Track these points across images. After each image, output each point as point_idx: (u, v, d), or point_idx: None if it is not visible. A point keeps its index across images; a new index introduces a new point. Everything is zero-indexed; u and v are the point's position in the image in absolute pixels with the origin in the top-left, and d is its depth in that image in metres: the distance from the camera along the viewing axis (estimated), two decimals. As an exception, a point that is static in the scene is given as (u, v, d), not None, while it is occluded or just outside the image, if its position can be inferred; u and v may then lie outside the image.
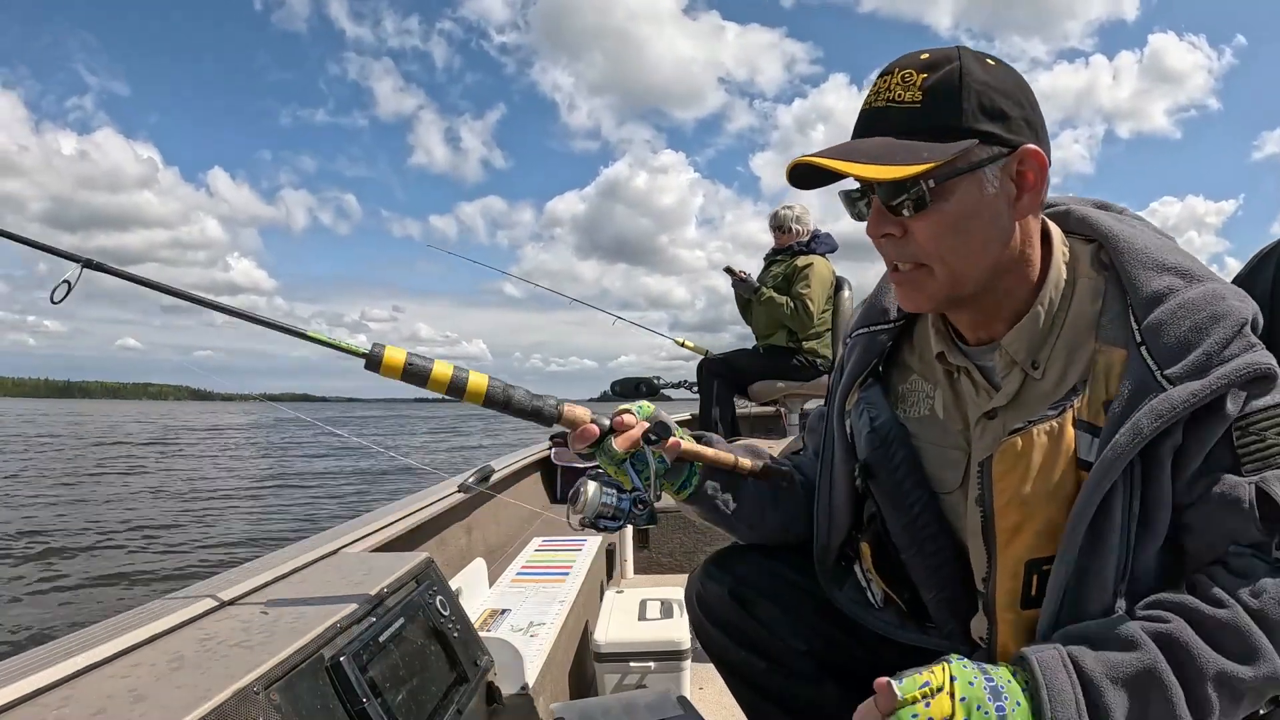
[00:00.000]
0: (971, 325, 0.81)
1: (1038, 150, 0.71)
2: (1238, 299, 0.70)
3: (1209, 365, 0.66)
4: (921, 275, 0.74)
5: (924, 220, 0.71)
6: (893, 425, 0.86)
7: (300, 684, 0.78)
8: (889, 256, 0.76)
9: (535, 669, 1.35)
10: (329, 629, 0.88)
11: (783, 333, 3.84)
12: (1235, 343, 0.67)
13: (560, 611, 1.65)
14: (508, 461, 2.74)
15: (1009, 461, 0.74)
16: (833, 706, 0.93)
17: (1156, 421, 0.65)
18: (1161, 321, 0.69)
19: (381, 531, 1.49)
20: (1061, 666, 0.64)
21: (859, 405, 0.89)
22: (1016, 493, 0.74)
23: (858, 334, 0.93)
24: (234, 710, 0.68)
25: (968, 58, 0.70)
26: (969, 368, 0.82)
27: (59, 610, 5.45)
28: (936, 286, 0.74)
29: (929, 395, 0.86)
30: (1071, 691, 0.62)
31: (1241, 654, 0.63)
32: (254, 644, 0.81)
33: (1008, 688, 0.63)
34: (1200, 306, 0.69)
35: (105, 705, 0.67)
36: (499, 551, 2.34)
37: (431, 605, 1.12)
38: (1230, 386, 0.65)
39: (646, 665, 1.69)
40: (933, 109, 0.69)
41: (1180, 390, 0.66)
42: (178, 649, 0.81)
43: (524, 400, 0.85)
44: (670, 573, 3.05)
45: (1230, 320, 0.68)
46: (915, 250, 0.73)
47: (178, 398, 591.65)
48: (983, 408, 0.80)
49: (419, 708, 0.94)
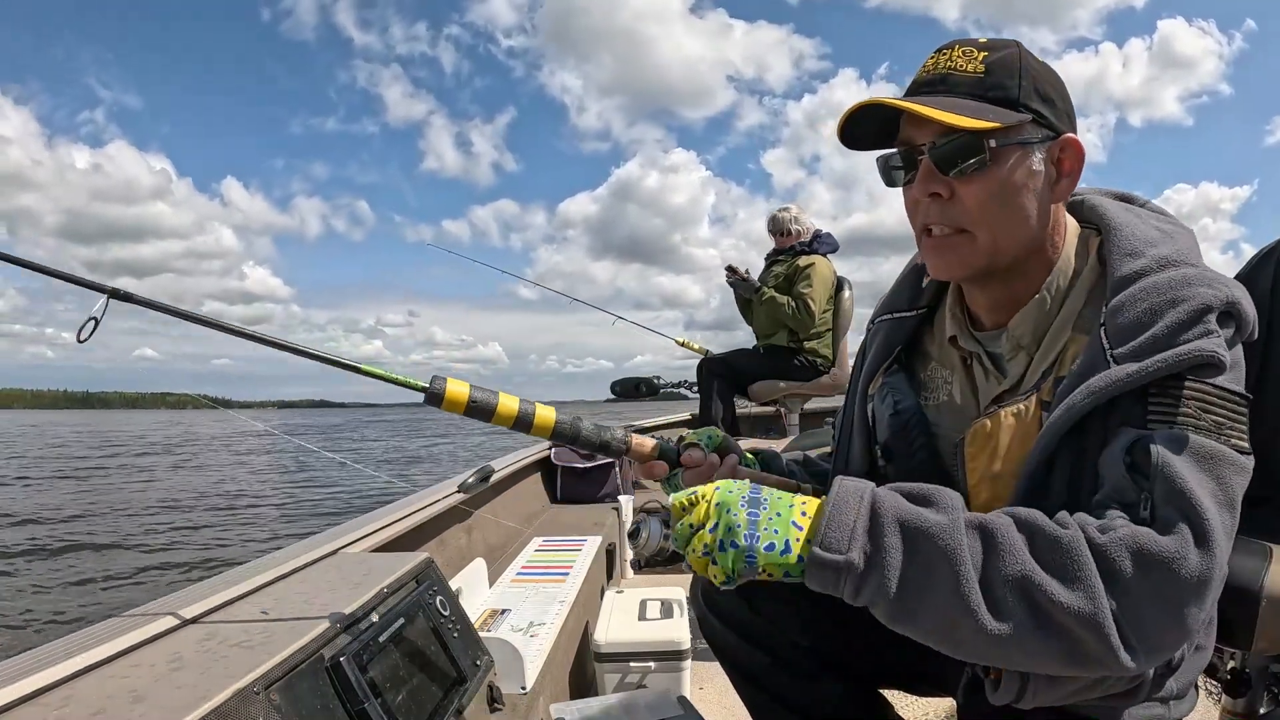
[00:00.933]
0: (991, 306, 0.81)
1: (1078, 140, 0.74)
2: (1209, 287, 0.67)
3: (1154, 348, 0.65)
4: (961, 240, 0.74)
5: (976, 183, 0.71)
6: (915, 411, 0.86)
7: (300, 684, 0.78)
8: (930, 219, 0.75)
9: (535, 669, 1.35)
10: (329, 629, 0.88)
11: (783, 333, 3.83)
12: (1190, 328, 0.65)
13: (560, 611, 1.65)
14: (508, 461, 2.74)
15: (979, 442, 0.77)
16: (835, 703, 0.94)
17: (1089, 398, 0.66)
18: (1122, 303, 0.69)
19: (381, 531, 1.49)
20: (857, 496, 0.64)
21: (883, 389, 0.90)
22: (986, 471, 0.76)
23: (880, 320, 0.94)
24: (234, 710, 0.68)
25: (1023, 47, 0.74)
26: (980, 353, 0.82)
27: (59, 610, 5.45)
28: (974, 254, 0.74)
29: (947, 381, 0.87)
30: (852, 519, 0.62)
31: (1061, 572, 0.58)
32: (254, 644, 0.81)
33: (771, 501, 0.66)
34: (1163, 290, 0.68)
35: (105, 705, 0.67)
36: (499, 551, 2.33)
37: (431, 605, 1.12)
38: (1169, 371, 0.64)
39: (647, 665, 1.69)
40: (994, 81, 0.71)
41: (1119, 370, 0.65)
42: (178, 649, 0.81)
43: (591, 434, 0.83)
44: (670, 573, 3.05)
45: (1189, 305, 0.66)
46: (960, 214, 0.73)
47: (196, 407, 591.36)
48: (992, 393, 0.81)
49: (419, 708, 0.94)
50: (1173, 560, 0.57)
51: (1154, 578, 0.57)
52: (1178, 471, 0.60)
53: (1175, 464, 0.60)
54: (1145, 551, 0.57)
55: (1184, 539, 0.57)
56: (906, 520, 0.62)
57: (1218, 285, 0.68)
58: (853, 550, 0.61)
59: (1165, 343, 0.65)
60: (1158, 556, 0.57)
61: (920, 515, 0.62)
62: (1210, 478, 0.61)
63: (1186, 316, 0.65)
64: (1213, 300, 0.66)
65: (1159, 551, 0.57)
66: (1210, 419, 0.63)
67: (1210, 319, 0.66)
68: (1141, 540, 0.57)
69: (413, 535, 1.66)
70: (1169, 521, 0.59)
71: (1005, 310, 0.80)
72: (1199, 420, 0.63)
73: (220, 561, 6.85)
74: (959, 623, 0.59)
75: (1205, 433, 0.63)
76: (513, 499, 2.72)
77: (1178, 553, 0.57)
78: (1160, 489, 0.60)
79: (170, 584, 6.01)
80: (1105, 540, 0.58)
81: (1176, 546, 0.57)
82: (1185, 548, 0.57)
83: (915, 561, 0.60)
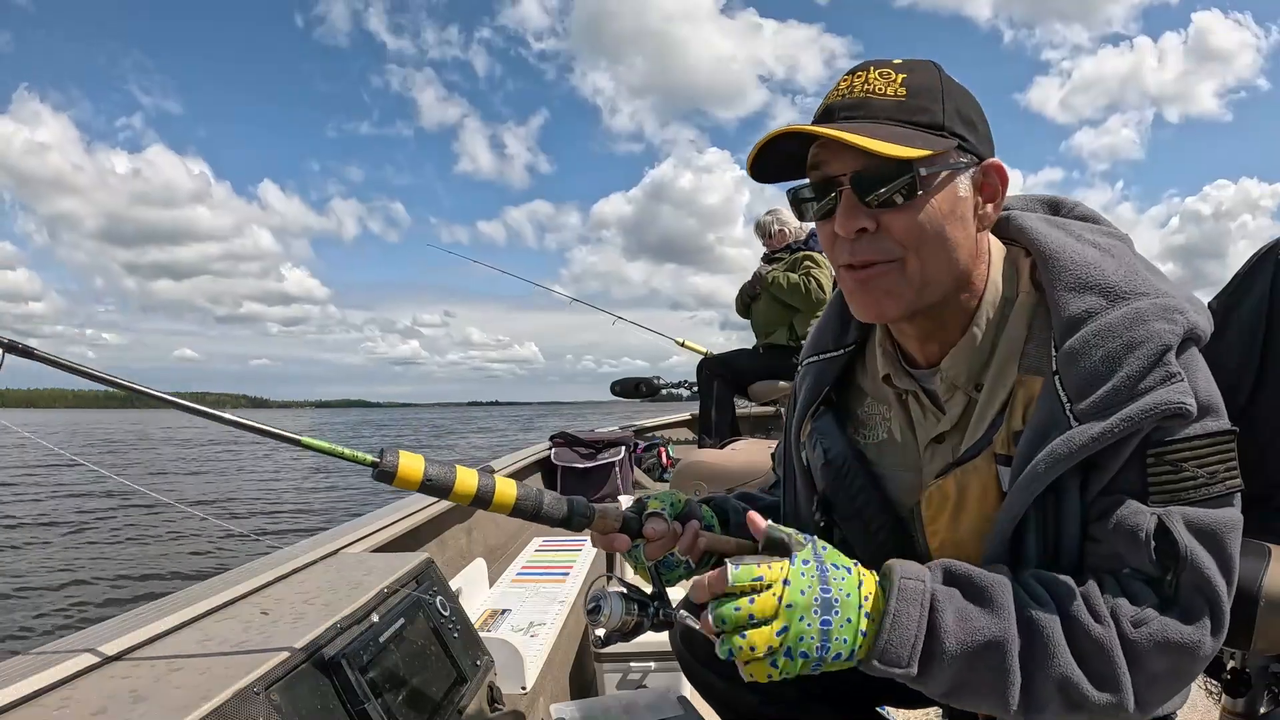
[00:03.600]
0: (922, 340, 0.77)
1: (1002, 165, 0.71)
2: (1165, 321, 0.64)
3: (1116, 403, 0.62)
4: (892, 275, 0.69)
5: (905, 213, 0.67)
6: (846, 455, 0.83)
7: (300, 684, 0.78)
8: (857, 254, 0.69)
9: (535, 669, 1.35)
10: (329, 629, 0.88)
11: (783, 331, 3.84)
12: (1150, 375, 0.62)
13: (560, 611, 1.65)
14: (508, 461, 2.74)
15: (936, 506, 0.75)
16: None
17: (1053, 466, 0.64)
18: (1074, 350, 0.66)
19: (381, 531, 1.49)
20: (918, 604, 0.62)
21: (812, 436, 0.87)
22: (948, 535, 0.74)
23: (808, 363, 0.91)
24: (234, 710, 0.68)
25: (941, 67, 0.70)
26: (916, 391, 0.79)
27: (60, 610, 5.45)
28: (906, 288, 0.69)
29: (885, 418, 0.84)
30: (914, 633, 0.61)
31: (1098, 674, 0.62)
32: (254, 644, 0.81)
33: (843, 603, 0.61)
34: (1116, 332, 0.64)
35: (105, 705, 0.67)
36: (499, 551, 2.33)
37: (431, 605, 1.12)
38: (1135, 429, 0.62)
39: (647, 665, 1.69)
40: (917, 104, 0.67)
41: (1081, 432, 0.63)
42: (178, 649, 0.81)
43: (553, 508, 0.78)
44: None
45: (1146, 349, 0.63)
46: (889, 246, 0.68)
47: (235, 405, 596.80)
48: (930, 432, 0.78)
49: (419, 708, 0.94)
50: (1194, 645, 0.62)
51: (1176, 661, 0.63)
52: (1202, 561, 0.63)
53: (1199, 554, 0.63)
54: (1171, 642, 0.62)
55: (1204, 625, 0.63)
56: (964, 636, 0.62)
57: (1172, 315, 0.65)
58: (912, 665, 0.62)
59: (1126, 396, 0.62)
60: (1183, 646, 0.62)
61: (975, 626, 0.62)
62: (1224, 551, 0.64)
63: (1146, 363, 0.63)
64: (1170, 338, 0.64)
65: (1184, 641, 0.62)
66: (1206, 471, 0.64)
67: (1169, 359, 0.63)
68: (1170, 634, 0.62)
69: (413, 535, 1.66)
70: (1192, 608, 0.63)
71: (936, 344, 0.76)
72: (1196, 479, 0.64)
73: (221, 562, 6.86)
74: (1001, 712, 0.64)
75: (1204, 490, 0.64)
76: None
77: (1199, 639, 0.62)
78: (1188, 577, 0.63)
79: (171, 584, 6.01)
80: (1138, 636, 0.62)
81: (1199, 636, 0.62)
82: (1205, 634, 0.63)
83: (967, 671, 0.63)
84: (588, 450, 3.30)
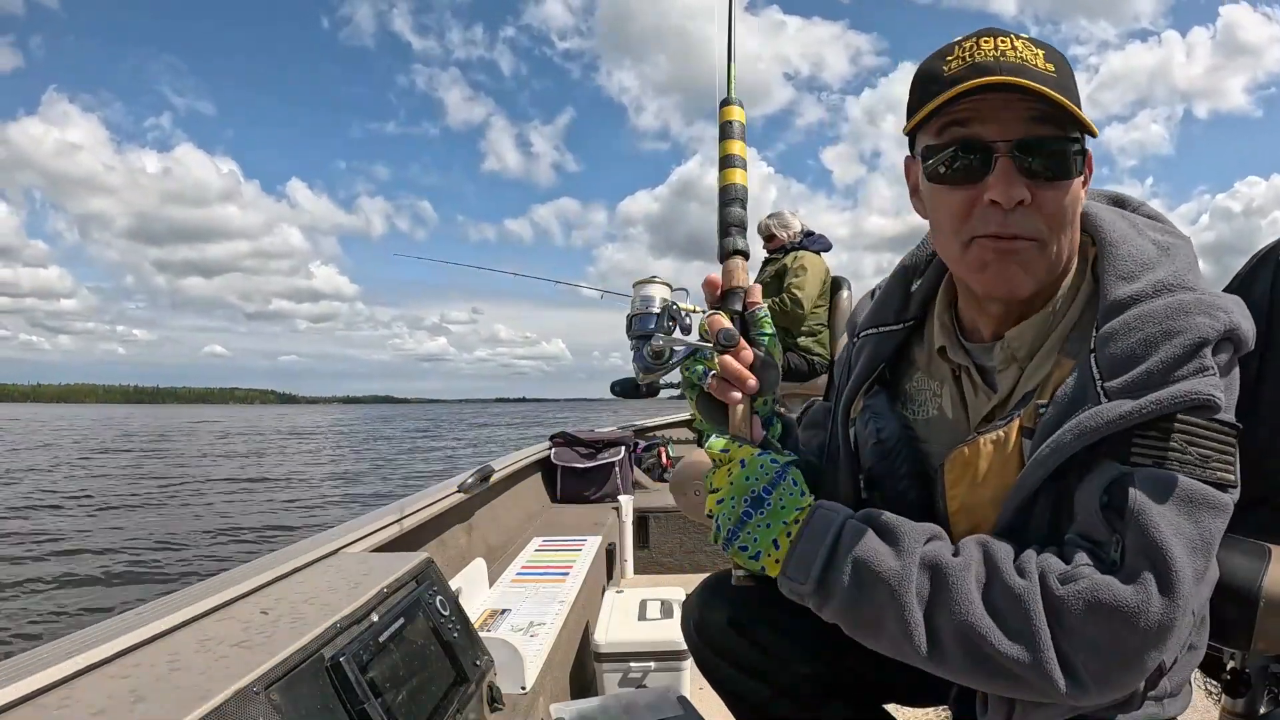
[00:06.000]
0: (1000, 318, 0.76)
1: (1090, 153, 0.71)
2: (1207, 315, 0.64)
3: (1148, 385, 0.62)
4: (1032, 253, 0.68)
5: (1058, 191, 0.66)
6: (899, 437, 0.82)
7: (300, 684, 0.78)
8: (1009, 227, 0.67)
9: (535, 669, 1.35)
10: (329, 629, 0.88)
11: (780, 331, 3.87)
12: (1185, 364, 0.62)
13: (560, 611, 1.65)
14: (507, 461, 2.74)
15: (958, 470, 0.74)
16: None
17: (1080, 439, 0.63)
18: (1114, 331, 0.66)
19: (381, 531, 1.49)
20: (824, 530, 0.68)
21: (864, 414, 0.86)
22: (966, 499, 0.74)
23: (865, 334, 0.89)
24: (234, 710, 0.68)
25: None
26: (969, 367, 0.79)
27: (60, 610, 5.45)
28: (1041, 268, 0.69)
29: (936, 394, 0.83)
30: (815, 558, 0.67)
31: (1012, 629, 0.60)
32: (254, 644, 0.81)
33: (773, 509, 0.70)
34: (1157, 319, 0.64)
35: (105, 705, 0.67)
36: (499, 551, 2.33)
37: (431, 605, 1.12)
38: (1161, 412, 0.61)
39: (647, 665, 1.69)
40: (1063, 83, 0.66)
41: (1111, 408, 0.62)
42: (178, 649, 0.81)
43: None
44: (670, 573, 3.05)
45: (1185, 338, 0.63)
46: (1038, 223, 0.67)
47: (264, 402, 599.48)
48: (982, 410, 0.78)
49: (419, 708, 0.94)
50: (1133, 611, 0.58)
51: (1111, 627, 0.58)
52: (1152, 519, 0.59)
53: (1151, 511, 0.60)
54: (1104, 604, 0.58)
55: (1148, 590, 0.58)
56: (861, 561, 0.65)
57: (1215, 312, 0.65)
58: (808, 584, 0.67)
59: (1159, 380, 0.62)
60: (1117, 608, 0.58)
61: (876, 557, 0.65)
62: (1188, 521, 0.61)
63: (1181, 351, 0.63)
64: (1209, 332, 0.63)
65: (1119, 604, 0.58)
66: (1196, 452, 0.62)
67: (1205, 353, 0.63)
68: (1101, 593, 0.58)
69: (413, 535, 1.66)
70: (1135, 571, 0.59)
71: (1011, 322, 0.76)
72: (1184, 454, 0.62)
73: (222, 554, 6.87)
74: (909, 655, 0.64)
75: (1190, 467, 0.62)
76: (513, 499, 2.72)
77: (1139, 604, 0.58)
78: (1132, 536, 0.60)
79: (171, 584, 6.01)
80: (1064, 593, 0.59)
81: (1139, 598, 0.58)
82: (1148, 598, 0.58)
83: (863, 599, 0.65)
84: (588, 450, 3.30)
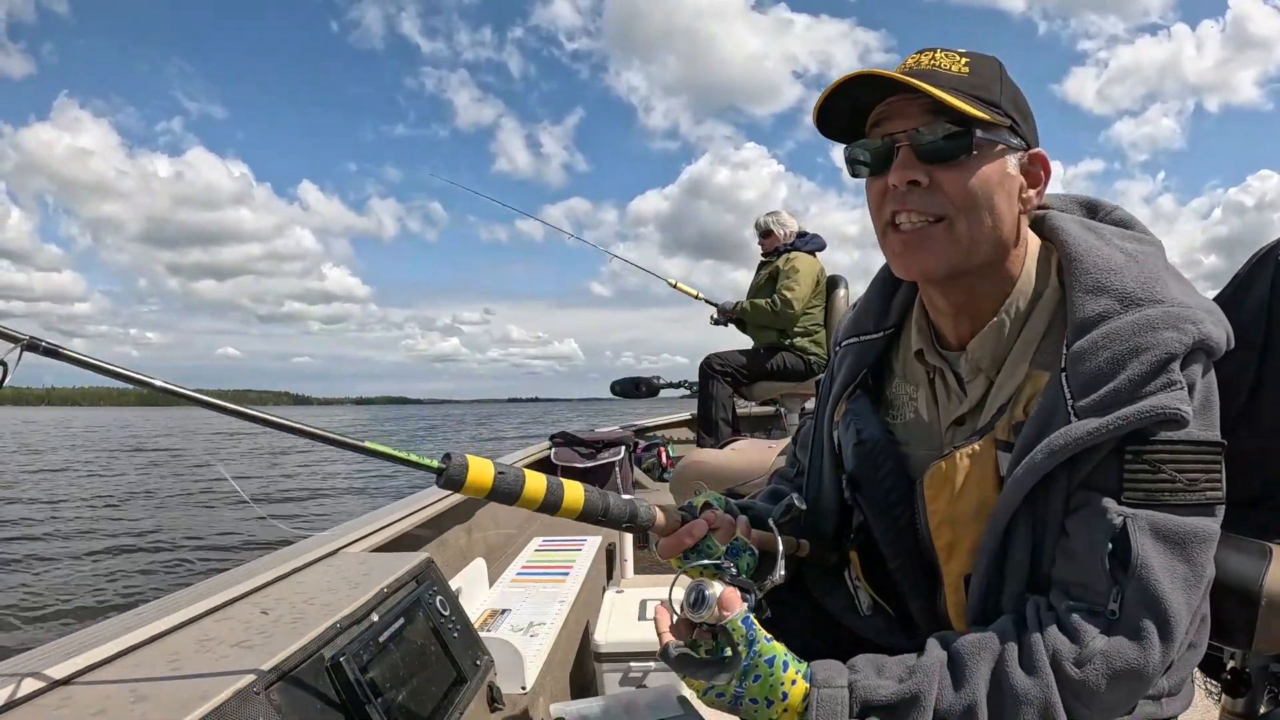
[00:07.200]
0: (954, 320, 0.79)
1: (1046, 156, 0.74)
2: (1174, 329, 0.66)
3: (1116, 402, 0.64)
4: (938, 232, 0.71)
5: (958, 172, 0.70)
6: (880, 438, 0.84)
7: (300, 684, 0.78)
8: (907, 205, 0.72)
9: (535, 669, 1.35)
10: (329, 629, 0.88)
11: (772, 332, 3.89)
12: (1152, 380, 0.64)
13: (560, 611, 1.65)
14: (507, 461, 2.74)
15: (936, 485, 0.76)
16: None
17: (1051, 458, 0.66)
18: (1084, 350, 0.68)
19: (381, 531, 1.49)
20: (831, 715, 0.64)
21: (846, 418, 0.88)
22: (947, 513, 0.76)
23: (847, 343, 0.92)
24: (234, 710, 0.68)
25: (1001, 64, 0.75)
26: (944, 370, 0.81)
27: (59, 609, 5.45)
28: (949, 247, 0.72)
29: (912, 398, 0.86)
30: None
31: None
32: (254, 644, 0.81)
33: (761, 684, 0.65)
34: (1124, 337, 0.66)
35: (105, 705, 0.67)
36: (499, 551, 2.33)
37: (431, 605, 1.12)
38: (1130, 429, 0.64)
39: (647, 665, 1.69)
40: (978, 81, 0.71)
41: (1079, 426, 0.65)
42: (178, 649, 0.81)
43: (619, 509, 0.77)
44: (670, 573, 3.05)
45: (1152, 354, 0.65)
46: (940, 202, 0.71)
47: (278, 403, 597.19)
48: (953, 413, 0.80)
49: (419, 708, 0.94)
50: (1141, 669, 0.62)
51: (1126, 685, 0.63)
52: (1154, 572, 0.63)
53: (1153, 563, 0.63)
54: (1118, 672, 0.62)
55: (1150, 641, 0.62)
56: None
57: (1183, 325, 0.66)
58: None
59: (1127, 397, 0.64)
60: (1130, 672, 0.62)
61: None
62: (1183, 562, 0.64)
63: (1149, 368, 0.65)
64: (1176, 346, 0.65)
65: (1130, 666, 0.62)
66: (1185, 478, 0.64)
67: (1173, 368, 0.65)
68: (1115, 662, 0.62)
69: (413, 535, 1.66)
70: (1136, 623, 0.63)
71: (968, 323, 0.78)
72: (1173, 483, 0.64)
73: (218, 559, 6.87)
74: None
75: (1181, 494, 0.64)
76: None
77: (1145, 659, 0.62)
78: (1134, 589, 0.63)
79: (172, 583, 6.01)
80: (1083, 676, 0.62)
81: (1145, 654, 0.62)
82: (1151, 649, 0.62)
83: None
84: (588, 450, 3.30)
